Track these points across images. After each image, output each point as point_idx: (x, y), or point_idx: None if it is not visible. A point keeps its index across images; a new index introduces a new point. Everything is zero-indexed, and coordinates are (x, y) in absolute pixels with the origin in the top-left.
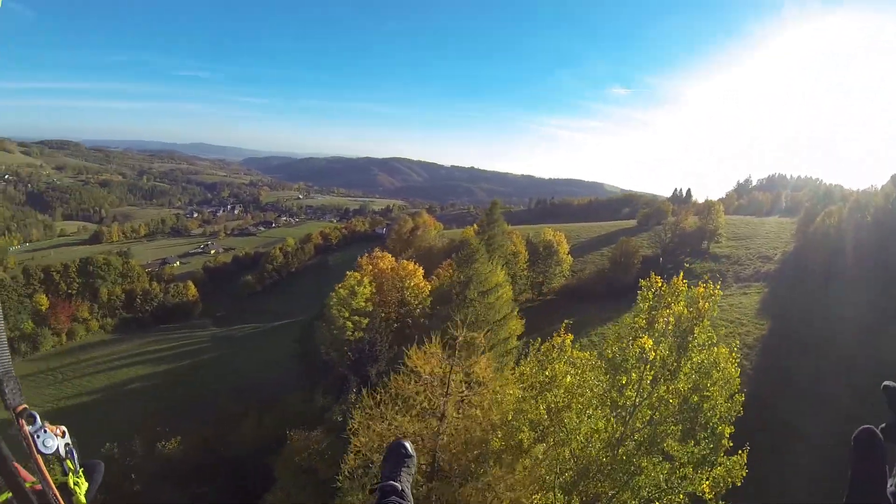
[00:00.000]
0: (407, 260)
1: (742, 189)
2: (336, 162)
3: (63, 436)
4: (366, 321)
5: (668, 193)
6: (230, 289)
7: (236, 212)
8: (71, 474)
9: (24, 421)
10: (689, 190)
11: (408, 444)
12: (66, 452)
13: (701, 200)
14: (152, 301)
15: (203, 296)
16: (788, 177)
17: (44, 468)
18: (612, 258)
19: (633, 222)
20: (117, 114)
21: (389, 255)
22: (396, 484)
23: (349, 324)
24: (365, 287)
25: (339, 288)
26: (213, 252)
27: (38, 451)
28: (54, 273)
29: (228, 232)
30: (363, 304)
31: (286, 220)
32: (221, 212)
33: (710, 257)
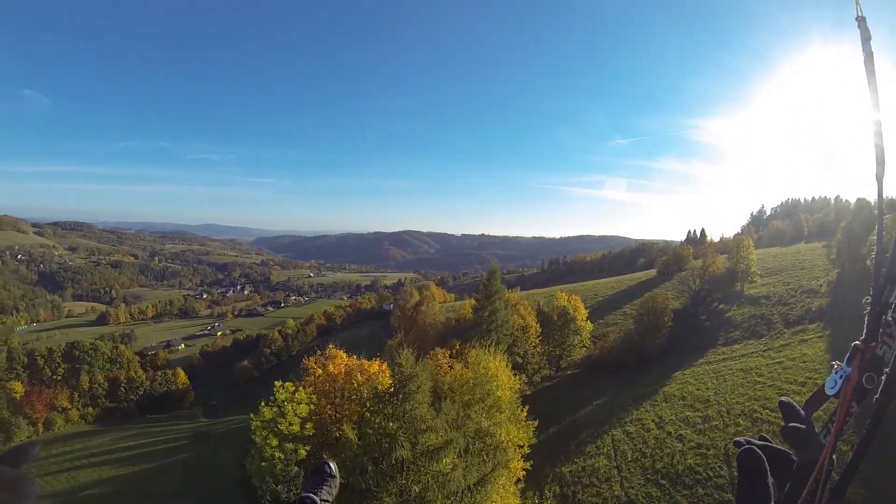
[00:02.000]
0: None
1: (757, 220)
2: (347, 238)
3: None
4: (304, 450)
5: (680, 238)
6: (228, 375)
7: (246, 292)
8: None
9: None
10: (703, 230)
11: (332, 465)
12: None
13: (716, 239)
14: (137, 390)
15: (199, 382)
16: (802, 200)
17: None
18: (637, 318)
19: (652, 272)
20: (130, 196)
21: (343, 354)
22: (315, 497)
23: (279, 454)
24: (301, 403)
25: (264, 406)
26: (219, 334)
27: None
28: (38, 357)
29: (236, 313)
30: (297, 427)
31: (296, 300)
32: (231, 292)
33: (746, 300)
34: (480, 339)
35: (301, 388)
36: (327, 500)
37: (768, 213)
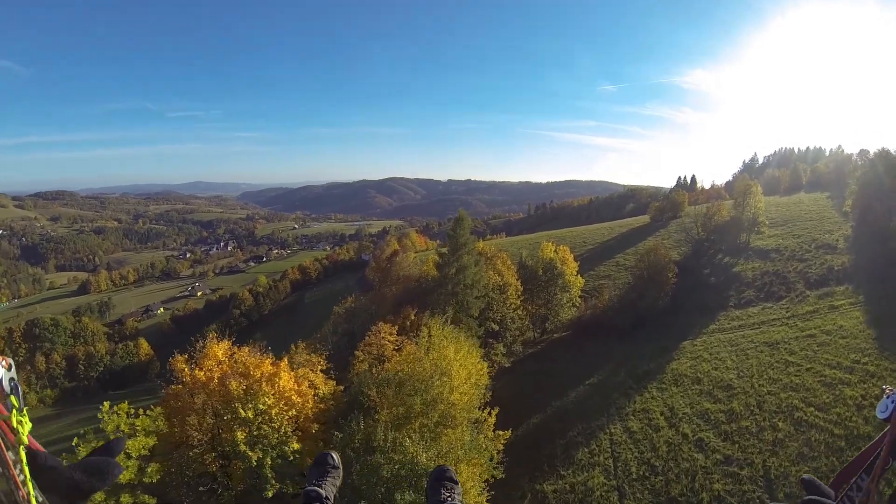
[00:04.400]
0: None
1: (750, 168)
2: (333, 188)
3: (9, 368)
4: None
5: (670, 184)
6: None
7: (229, 248)
8: (14, 411)
9: None
10: (693, 177)
11: (335, 455)
12: (11, 388)
13: (707, 187)
14: (97, 366)
15: (169, 350)
16: (797, 150)
17: None
18: (636, 274)
19: (644, 219)
20: (113, 161)
21: (223, 348)
22: (321, 490)
23: None
24: (142, 436)
25: (80, 444)
26: (199, 294)
27: None
28: None
29: (217, 271)
30: (131, 473)
31: (278, 253)
32: (215, 249)
33: (754, 253)
34: (443, 305)
35: (151, 409)
36: (331, 492)
37: (761, 161)
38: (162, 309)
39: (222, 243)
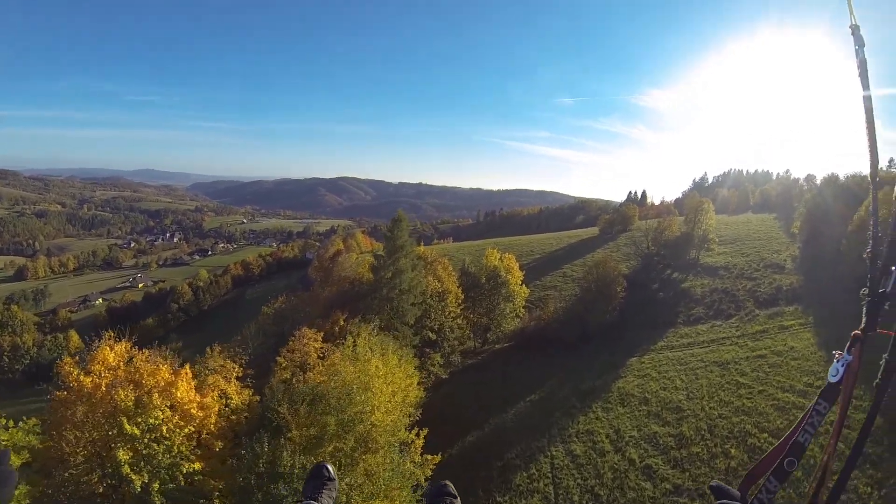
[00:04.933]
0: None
1: (700, 187)
2: (284, 184)
3: None
4: None
5: (620, 198)
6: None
7: (175, 240)
8: None
9: None
10: (644, 192)
11: (330, 467)
12: None
13: (657, 202)
14: (23, 358)
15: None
16: (745, 172)
17: None
18: (584, 287)
19: (594, 231)
20: (62, 141)
21: (112, 355)
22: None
23: None
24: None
25: None
26: (140, 286)
27: None
28: None
29: (161, 263)
30: None
31: (224, 247)
32: (160, 240)
33: (703, 270)
34: (376, 311)
35: (24, 420)
36: None
37: (710, 180)
38: (100, 300)
39: (168, 234)
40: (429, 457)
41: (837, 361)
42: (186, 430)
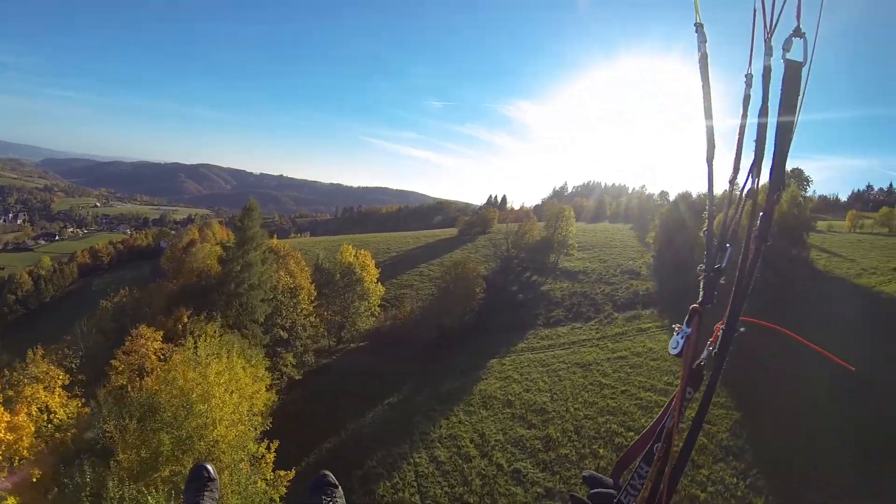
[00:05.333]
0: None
1: (559, 195)
2: (142, 167)
3: None
4: None
5: (480, 201)
6: None
7: (19, 221)
8: None
9: None
10: (504, 197)
11: (210, 467)
12: None
13: (517, 207)
14: None
15: None
16: (604, 184)
17: None
18: (442, 287)
19: (452, 231)
20: None
21: None
22: None
23: None
24: None
25: None
26: None
27: None
28: None
29: (1, 247)
30: None
31: (73, 232)
32: (1, 221)
33: (562, 274)
34: (223, 307)
35: None
36: None
37: (570, 189)
38: None
39: (11, 215)
40: (281, 473)
41: (677, 334)
42: None
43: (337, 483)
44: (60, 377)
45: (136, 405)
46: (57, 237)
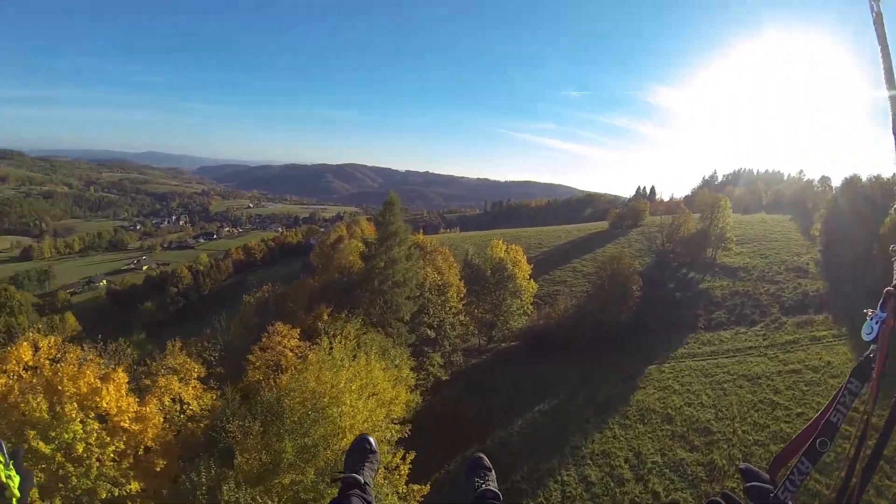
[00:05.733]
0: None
1: (710, 185)
2: (291, 169)
3: None
4: None
5: (628, 194)
6: (134, 317)
7: (181, 223)
8: (1, 466)
9: None
10: (653, 188)
11: (372, 440)
12: None
13: (666, 199)
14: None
15: (102, 326)
16: (755, 171)
17: None
18: (597, 284)
19: (603, 224)
20: (67, 122)
21: (28, 353)
22: (359, 477)
23: None
24: None
25: None
26: (145, 268)
27: None
28: None
29: (166, 245)
30: None
31: (229, 231)
32: (166, 223)
33: (721, 271)
34: (366, 305)
35: None
36: (370, 478)
37: (720, 178)
38: (104, 281)
39: (174, 217)
40: (415, 487)
41: (871, 319)
42: (112, 448)
43: (491, 466)
44: (196, 369)
45: (261, 406)
46: (215, 236)
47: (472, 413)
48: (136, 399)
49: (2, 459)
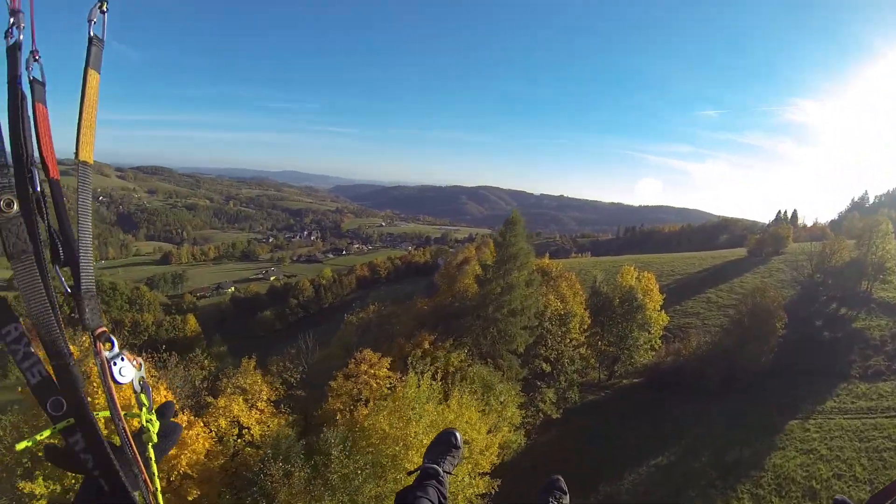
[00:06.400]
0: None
1: (859, 207)
2: (425, 190)
3: (140, 368)
4: None
5: (767, 218)
6: (253, 324)
7: (313, 238)
8: (144, 410)
9: (101, 345)
10: (794, 212)
11: (458, 435)
12: (141, 387)
13: (809, 224)
14: (141, 335)
15: (223, 330)
16: None
17: (115, 398)
18: (736, 320)
19: (741, 251)
20: (212, 143)
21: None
22: (438, 468)
23: None
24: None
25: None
26: (273, 278)
27: (113, 380)
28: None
29: (295, 258)
30: None
31: (358, 248)
32: (298, 238)
33: (878, 307)
34: (475, 334)
35: None
36: (449, 472)
37: (871, 200)
38: (233, 288)
39: (306, 232)
40: None
41: None
42: None
43: (567, 491)
44: (266, 391)
45: (320, 445)
46: (344, 252)
47: (579, 460)
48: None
49: (146, 403)
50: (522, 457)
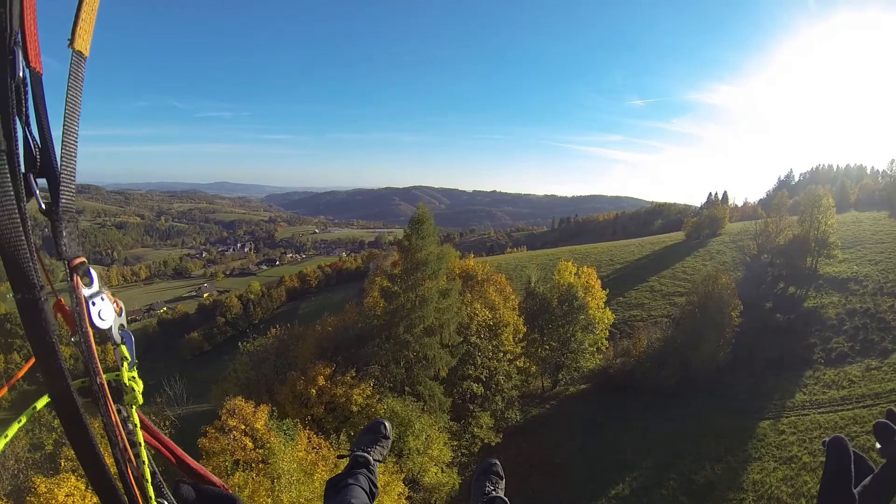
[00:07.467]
0: None
1: (786, 185)
2: (357, 194)
3: (120, 313)
4: None
5: (699, 201)
6: (180, 347)
7: (246, 250)
8: (125, 366)
9: (79, 278)
10: (725, 193)
11: (388, 425)
12: (122, 337)
13: (740, 204)
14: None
15: (151, 356)
16: (836, 167)
17: (93, 347)
18: (688, 312)
19: (679, 235)
20: (140, 157)
21: None
22: (368, 456)
23: None
24: None
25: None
26: (206, 295)
27: (91, 323)
28: None
29: (228, 273)
30: None
31: (292, 257)
32: (231, 250)
33: (826, 283)
34: (385, 360)
35: None
36: (379, 460)
37: (797, 178)
38: (164, 308)
39: (240, 244)
40: None
41: None
42: None
43: (503, 476)
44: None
45: None
46: (277, 262)
47: (524, 491)
48: None
49: (127, 356)
50: (456, 501)
